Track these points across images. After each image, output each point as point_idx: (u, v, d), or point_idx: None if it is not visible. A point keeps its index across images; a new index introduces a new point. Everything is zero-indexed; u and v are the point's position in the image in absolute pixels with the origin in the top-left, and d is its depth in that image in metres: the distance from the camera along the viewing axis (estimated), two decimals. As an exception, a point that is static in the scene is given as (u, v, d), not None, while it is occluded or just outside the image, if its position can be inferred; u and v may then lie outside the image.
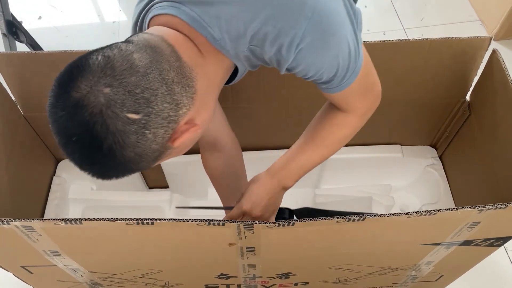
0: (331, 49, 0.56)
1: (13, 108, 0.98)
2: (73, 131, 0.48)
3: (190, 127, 0.55)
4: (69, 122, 0.48)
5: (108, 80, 0.47)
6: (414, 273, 0.90)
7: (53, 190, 1.12)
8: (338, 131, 0.72)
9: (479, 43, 0.89)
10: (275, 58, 0.57)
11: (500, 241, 0.77)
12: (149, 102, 0.49)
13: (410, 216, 0.63)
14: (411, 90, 1.00)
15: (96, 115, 0.47)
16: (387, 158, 1.18)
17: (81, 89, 0.47)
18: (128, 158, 0.51)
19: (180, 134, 0.54)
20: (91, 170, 0.52)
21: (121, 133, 0.48)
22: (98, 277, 0.85)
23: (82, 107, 0.47)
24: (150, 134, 0.50)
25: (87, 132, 0.48)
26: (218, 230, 0.63)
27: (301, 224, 0.62)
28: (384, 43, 0.88)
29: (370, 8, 1.84)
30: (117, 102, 0.47)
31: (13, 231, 0.64)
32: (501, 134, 0.87)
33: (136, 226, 0.62)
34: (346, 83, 0.62)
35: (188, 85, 0.54)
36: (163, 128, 0.51)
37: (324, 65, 0.57)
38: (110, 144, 0.49)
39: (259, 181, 0.79)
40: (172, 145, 0.54)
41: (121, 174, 0.54)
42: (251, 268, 0.80)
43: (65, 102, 0.48)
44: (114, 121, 0.48)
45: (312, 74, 0.59)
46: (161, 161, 0.57)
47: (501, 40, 1.68)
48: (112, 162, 0.51)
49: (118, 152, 0.50)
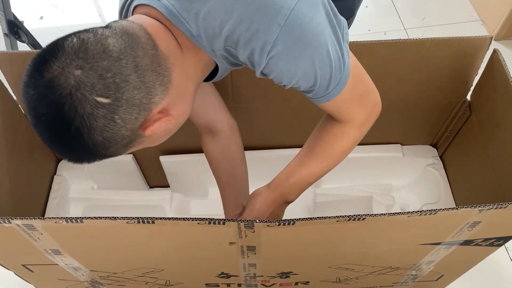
0: (305, 58, 0.55)
1: (15, 108, 0.98)
2: (43, 111, 0.49)
3: (163, 116, 0.54)
4: (40, 101, 0.49)
5: (80, 62, 0.48)
6: (414, 272, 0.90)
7: (54, 189, 1.12)
8: (337, 143, 0.71)
9: (480, 43, 0.89)
10: (249, 61, 0.56)
11: (500, 241, 0.77)
12: (119, 88, 0.49)
13: (411, 216, 0.63)
14: (412, 90, 1.00)
15: (65, 96, 0.48)
16: (388, 158, 1.18)
17: (53, 70, 0.48)
18: (97, 142, 0.51)
19: (152, 123, 0.54)
20: (61, 152, 0.53)
21: (89, 116, 0.49)
22: (99, 276, 0.85)
23: (53, 88, 0.48)
24: (119, 120, 0.50)
25: (55, 112, 0.48)
26: (218, 229, 0.63)
27: (301, 223, 0.62)
28: (384, 42, 0.88)
29: (371, 8, 1.84)
30: (87, 85, 0.48)
31: (14, 229, 0.65)
32: (502, 134, 0.87)
33: (137, 225, 0.62)
34: (333, 93, 0.61)
35: (162, 74, 0.54)
36: (134, 115, 0.51)
37: (297, 73, 0.56)
38: (78, 126, 0.49)
39: (260, 195, 0.78)
40: (143, 133, 0.54)
41: (92, 158, 0.54)
42: (251, 267, 0.81)
43: (37, 82, 0.48)
44: (82, 104, 0.48)
45: (286, 82, 0.59)
46: (133, 149, 0.57)
47: (502, 40, 1.68)
48: (81, 145, 0.51)
49: (86, 135, 0.50)
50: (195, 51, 0.58)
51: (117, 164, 1.15)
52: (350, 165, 1.18)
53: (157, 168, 1.18)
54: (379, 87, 0.98)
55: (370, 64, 0.92)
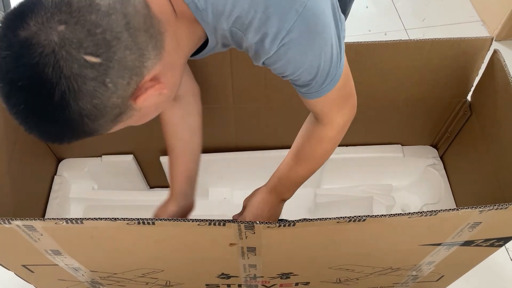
0: (315, 48, 0.54)
1: (15, 108, 0.98)
2: (19, 75, 0.41)
3: (155, 84, 0.49)
4: (14, 64, 0.41)
5: (64, 16, 0.41)
6: (415, 273, 0.90)
7: (54, 189, 1.12)
8: (319, 146, 0.74)
9: (481, 44, 0.89)
10: (255, 47, 0.53)
11: (501, 242, 0.77)
12: (110, 46, 0.43)
13: (411, 217, 0.63)
14: (412, 90, 1.00)
15: (48, 55, 0.41)
16: (388, 158, 1.18)
17: (31, 27, 0.41)
18: (84, 112, 0.44)
19: (144, 91, 0.48)
20: (38, 127, 0.45)
21: (77, 78, 0.42)
22: (99, 276, 0.85)
23: (31, 47, 0.41)
24: (111, 84, 0.44)
25: (35, 76, 0.41)
26: (219, 230, 0.63)
27: (301, 224, 0.62)
28: (385, 43, 0.88)
29: (372, 8, 1.84)
30: (73, 42, 0.41)
31: (14, 230, 0.64)
32: (502, 135, 0.87)
33: (137, 226, 0.62)
34: (325, 89, 0.61)
35: (155, 38, 0.48)
36: (126, 79, 0.45)
37: (304, 64, 0.55)
38: (63, 91, 0.42)
39: (258, 195, 0.83)
40: (134, 103, 0.48)
41: (73, 134, 0.47)
42: (251, 268, 0.81)
43: (10, 41, 0.41)
44: (69, 63, 0.41)
45: (289, 73, 0.57)
46: (120, 125, 0.51)
47: (503, 40, 1.68)
48: (64, 116, 0.44)
49: (72, 102, 0.43)
50: (191, 23, 0.53)
51: (117, 164, 1.15)
52: (350, 166, 1.19)
53: (157, 169, 1.18)
54: (379, 88, 0.99)
55: (370, 64, 0.92)
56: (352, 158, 1.17)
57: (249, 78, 0.95)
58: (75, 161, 1.17)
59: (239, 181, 1.20)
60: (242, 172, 1.17)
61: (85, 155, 1.16)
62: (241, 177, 1.18)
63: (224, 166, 1.17)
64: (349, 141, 1.16)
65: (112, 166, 1.16)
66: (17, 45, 0.41)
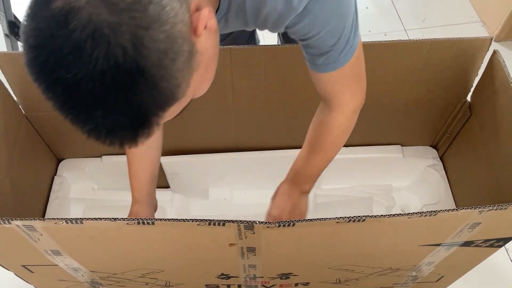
0: (342, 8, 0.54)
1: (15, 108, 0.98)
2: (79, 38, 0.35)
3: (201, 13, 0.43)
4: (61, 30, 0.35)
5: None
6: (414, 273, 0.90)
7: (54, 189, 1.12)
8: (331, 135, 0.74)
9: (480, 44, 0.89)
10: (280, 9, 0.51)
11: (500, 242, 0.77)
12: None
13: (411, 217, 0.63)
14: (412, 91, 1.00)
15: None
16: (388, 159, 1.18)
17: None
18: (159, 45, 0.38)
19: (197, 22, 0.43)
20: (118, 100, 0.38)
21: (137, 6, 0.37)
22: (99, 276, 0.85)
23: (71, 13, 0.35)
24: (168, 7, 0.39)
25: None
26: (218, 230, 0.63)
27: (301, 224, 0.62)
28: (385, 43, 0.88)
29: (371, 9, 1.84)
30: None
31: (14, 230, 0.65)
32: (502, 135, 0.87)
33: (137, 226, 0.62)
34: (342, 59, 0.60)
35: None
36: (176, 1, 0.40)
37: (330, 23, 0.55)
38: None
39: (281, 189, 0.85)
40: (196, 38, 0.43)
41: (155, 97, 0.40)
42: (251, 268, 0.81)
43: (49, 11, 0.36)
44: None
45: (315, 32, 0.55)
46: (194, 81, 0.44)
47: (503, 41, 1.68)
48: (140, 67, 0.37)
49: (144, 33, 0.37)
50: None
51: (117, 165, 1.15)
52: (350, 166, 1.19)
53: (157, 169, 1.18)
54: (379, 88, 0.99)
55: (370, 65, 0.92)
56: (352, 158, 1.17)
57: (249, 78, 0.95)
58: (75, 161, 1.17)
59: (239, 182, 1.20)
60: (242, 173, 1.17)
61: (85, 155, 1.17)
62: (241, 178, 1.18)
63: (224, 166, 1.17)
64: (349, 142, 1.15)
65: (112, 166, 1.16)
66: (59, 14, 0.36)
